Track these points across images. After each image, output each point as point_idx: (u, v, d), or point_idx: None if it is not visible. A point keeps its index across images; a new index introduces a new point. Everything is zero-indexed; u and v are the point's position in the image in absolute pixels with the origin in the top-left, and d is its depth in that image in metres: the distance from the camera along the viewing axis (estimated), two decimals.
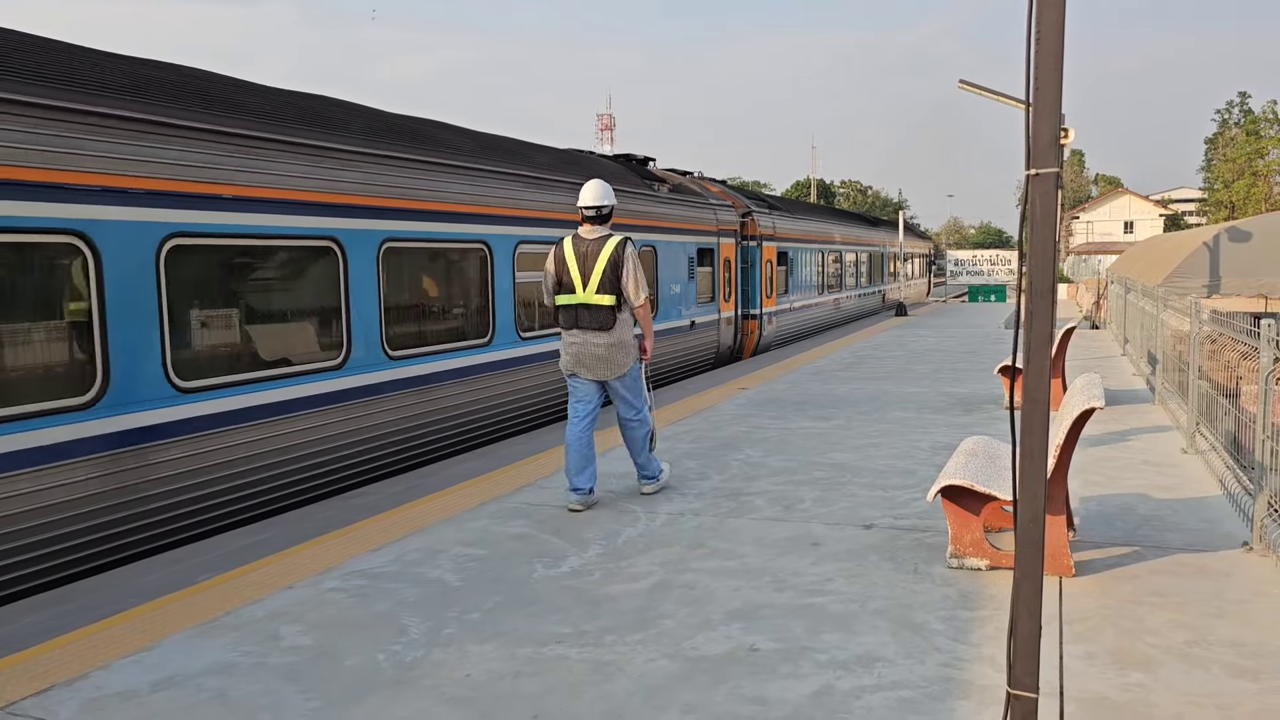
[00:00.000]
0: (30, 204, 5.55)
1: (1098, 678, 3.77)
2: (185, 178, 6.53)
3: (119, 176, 6.10)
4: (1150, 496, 6.42)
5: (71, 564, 5.81)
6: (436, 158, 9.19)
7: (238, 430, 6.88)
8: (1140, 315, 13.34)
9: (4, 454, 5.37)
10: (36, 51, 6.14)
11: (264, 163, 7.17)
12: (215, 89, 7.33)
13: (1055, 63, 2.30)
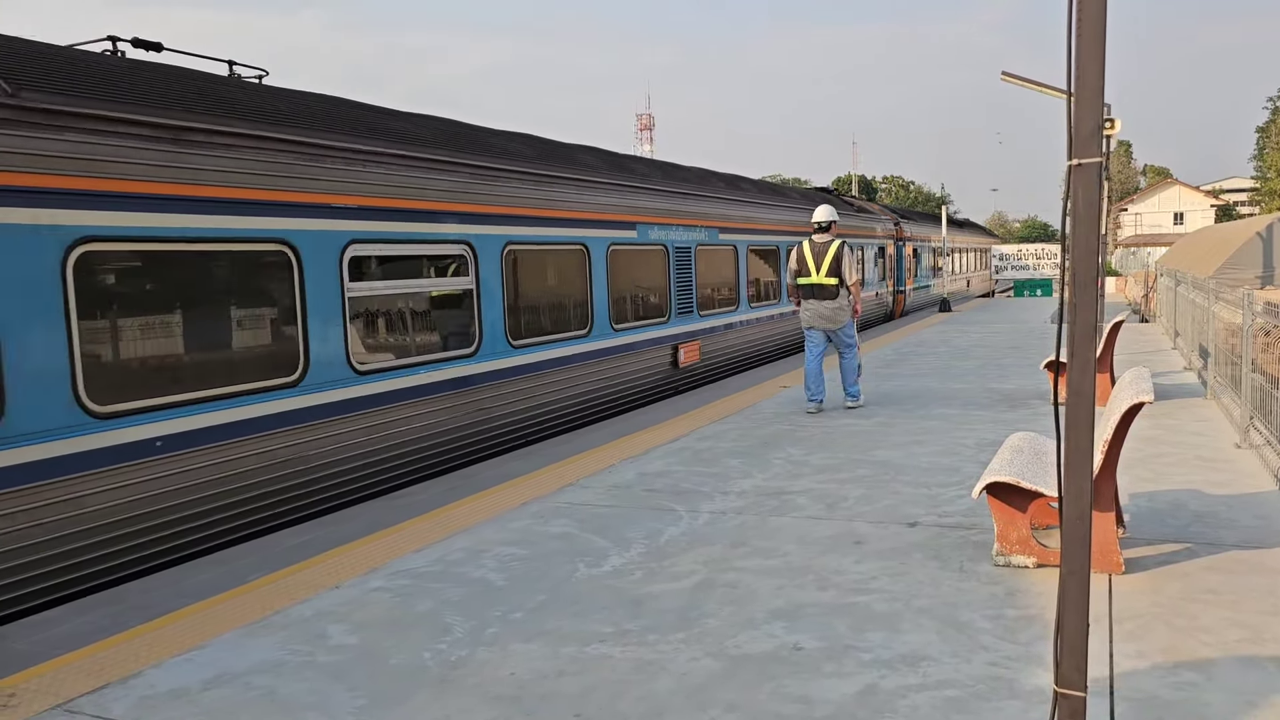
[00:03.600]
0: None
1: (1149, 676, 3.71)
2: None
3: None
4: (1203, 492, 6.29)
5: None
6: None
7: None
8: (1191, 308, 13.07)
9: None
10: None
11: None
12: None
13: (1097, 50, 2.26)
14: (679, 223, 13.33)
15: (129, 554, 5.95)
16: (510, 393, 9.38)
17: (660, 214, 12.81)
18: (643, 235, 12.29)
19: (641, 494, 6.83)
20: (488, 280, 9.13)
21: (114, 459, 5.83)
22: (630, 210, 11.97)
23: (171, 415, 6.17)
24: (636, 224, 12.13)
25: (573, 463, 7.98)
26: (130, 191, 6.01)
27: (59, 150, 5.63)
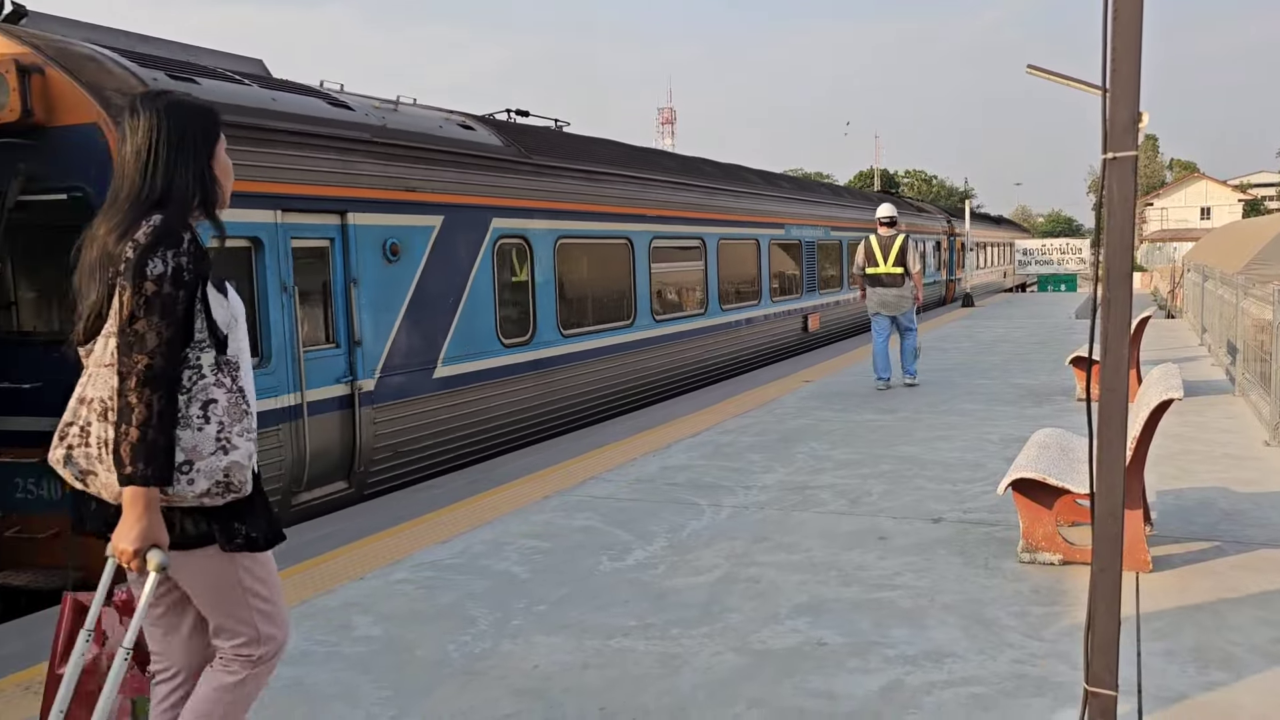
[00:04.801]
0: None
1: (1178, 676, 3.67)
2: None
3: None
4: (1231, 490, 6.23)
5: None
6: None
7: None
8: (1219, 304, 12.93)
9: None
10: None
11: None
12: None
13: (1133, 43, 2.23)
14: (809, 223, 17.52)
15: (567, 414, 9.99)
16: (712, 343, 13.40)
17: (799, 217, 17.03)
18: (788, 233, 16.49)
19: (664, 488, 6.83)
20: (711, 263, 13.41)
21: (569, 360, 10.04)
22: (784, 215, 16.35)
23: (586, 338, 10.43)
24: (786, 225, 16.38)
25: (595, 456, 7.99)
26: (569, 209, 10.17)
27: (549, 186, 9.85)
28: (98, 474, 2.38)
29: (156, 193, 2.46)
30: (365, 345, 7.37)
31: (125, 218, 2.42)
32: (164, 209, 2.44)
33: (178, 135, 2.51)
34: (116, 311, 2.35)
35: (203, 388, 2.42)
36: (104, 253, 2.41)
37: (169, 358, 2.33)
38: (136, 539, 2.27)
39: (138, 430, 2.27)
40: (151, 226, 2.38)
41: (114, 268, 2.36)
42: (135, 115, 2.51)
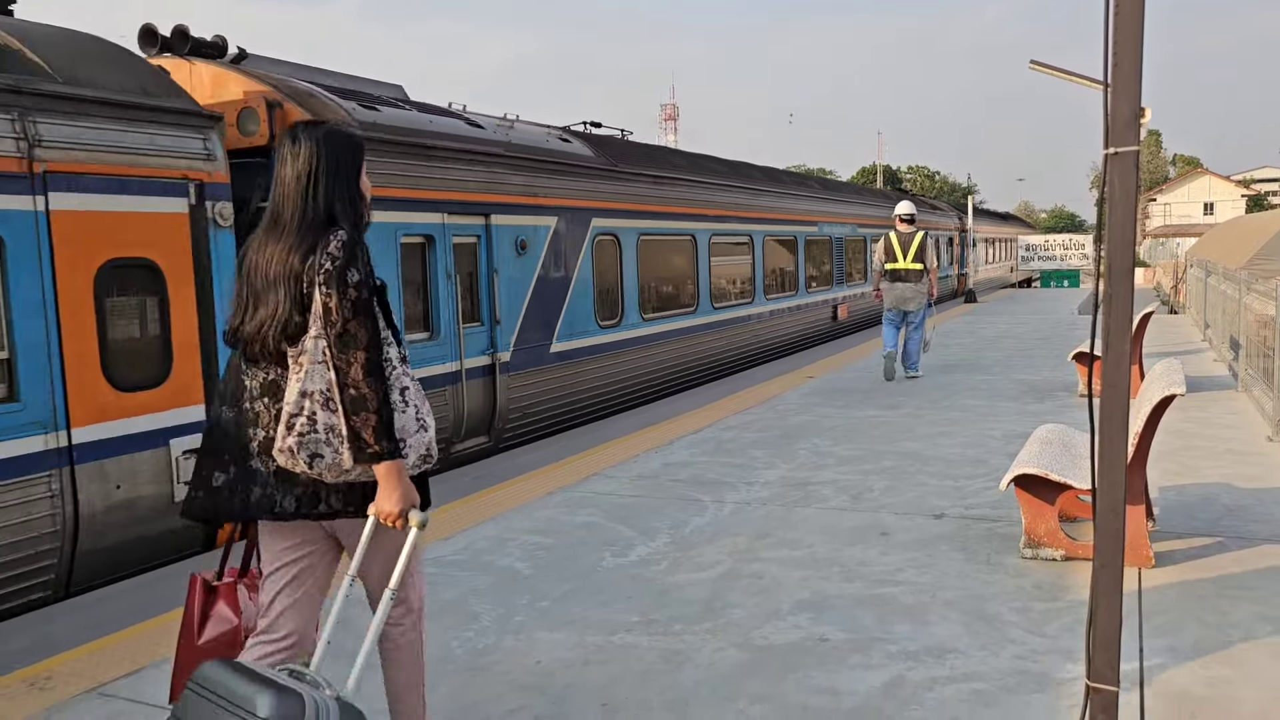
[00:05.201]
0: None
1: (1180, 671, 3.68)
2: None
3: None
4: (1234, 486, 6.23)
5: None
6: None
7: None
8: (1221, 299, 12.92)
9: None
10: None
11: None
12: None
13: (1135, 38, 2.23)
14: (837, 220, 19.18)
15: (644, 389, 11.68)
16: (759, 328, 15.25)
17: (828, 215, 18.69)
18: (820, 230, 18.18)
19: (667, 484, 6.83)
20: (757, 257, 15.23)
21: (647, 341, 11.72)
22: (816, 213, 17.99)
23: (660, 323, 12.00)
24: (818, 222, 18.08)
25: (597, 452, 8.00)
26: (646, 210, 11.84)
27: (631, 190, 11.44)
28: (324, 456, 2.68)
29: (321, 213, 2.78)
30: (503, 324, 9.09)
31: (301, 238, 2.74)
32: (338, 226, 2.76)
33: (333, 162, 2.83)
34: (320, 316, 2.67)
35: (397, 377, 2.78)
36: (287, 268, 2.71)
37: (379, 351, 2.70)
38: (399, 502, 2.68)
39: (375, 415, 2.64)
40: (340, 242, 2.71)
41: (305, 279, 2.69)
42: (296, 143, 2.84)
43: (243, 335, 2.80)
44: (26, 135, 5.24)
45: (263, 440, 2.78)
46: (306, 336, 2.70)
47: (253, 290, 2.78)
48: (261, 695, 2.31)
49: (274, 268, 2.73)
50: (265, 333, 2.74)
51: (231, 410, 2.84)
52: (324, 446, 2.67)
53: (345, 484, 2.74)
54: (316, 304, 2.67)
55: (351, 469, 2.70)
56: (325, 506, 2.75)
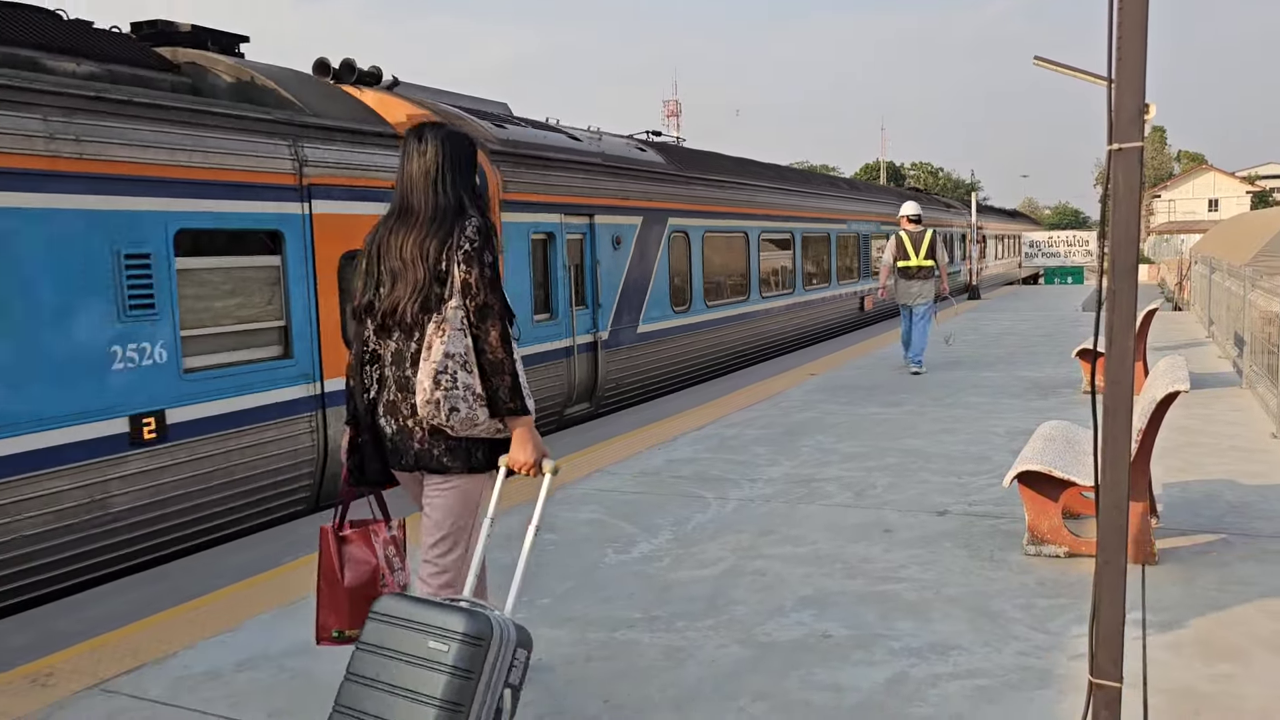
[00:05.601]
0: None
1: (1183, 668, 3.67)
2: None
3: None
4: (1238, 483, 6.21)
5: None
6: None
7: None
8: (1226, 296, 12.89)
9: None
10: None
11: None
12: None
13: (1139, 32, 2.22)
14: (863, 219, 20.93)
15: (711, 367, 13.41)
16: (798, 316, 16.89)
17: (856, 214, 20.57)
18: (850, 227, 19.97)
19: (669, 481, 6.83)
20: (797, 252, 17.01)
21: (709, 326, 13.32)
22: (845, 212, 19.85)
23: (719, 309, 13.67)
24: (848, 220, 19.86)
25: (600, 449, 8.00)
26: (709, 210, 13.42)
27: (697, 192, 13.08)
28: (460, 410, 3.03)
29: (452, 202, 3.15)
30: (603, 307, 10.65)
31: (437, 224, 3.12)
32: (470, 214, 3.14)
33: (456, 158, 3.23)
34: (460, 290, 3.05)
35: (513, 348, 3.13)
36: (425, 249, 3.09)
37: (509, 322, 3.11)
38: (533, 451, 3.08)
39: (510, 377, 3.05)
40: (476, 227, 3.10)
41: (444, 259, 3.07)
42: (421, 141, 3.22)
43: (378, 308, 3.17)
44: (297, 157, 6.86)
45: (387, 402, 3.16)
46: (447, 306, 3.06)
47: (388, 269, 3.15)
48: (455, 616, 2.63)
49: (410, 250, 3.10)
50: (403, 306, 3.09)
51: (355, 379, 3.25)
52: (461, 402, 3.02)
53: (457, 443, 3.09)
54: (456, 279, 3.05)
55: (479, 425, 3.07)
56: (435, 462, 3.12)
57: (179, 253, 6.02)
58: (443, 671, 2.56)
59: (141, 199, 5.81)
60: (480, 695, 2.58)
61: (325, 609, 3.32)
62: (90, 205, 5.52)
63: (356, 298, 3.27)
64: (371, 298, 3.20)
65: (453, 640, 2.58)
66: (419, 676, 2.58)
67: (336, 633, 3.31)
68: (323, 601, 3.33)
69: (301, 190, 6.79)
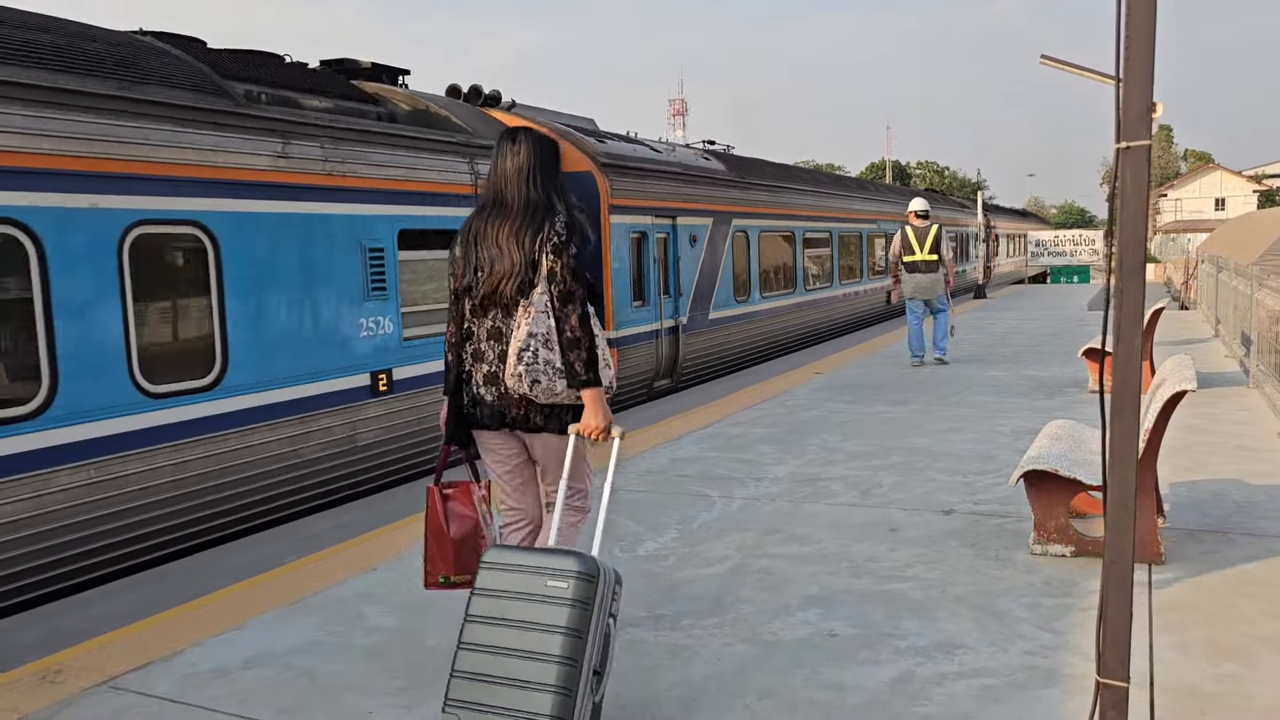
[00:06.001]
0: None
1: (1190, 668, 3.66)
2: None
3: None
4: (1245, 482, 6.20)
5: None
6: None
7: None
8: (1233, 295, 12.85)
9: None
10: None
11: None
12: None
13: (1147, 31, 2.22)
14: (890, 219, 22.40)
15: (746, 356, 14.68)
16: (835, 307, 18.90)
17: (884, 213, 22.48)
18: (879, 227, 21.91)
19: (675, 479, 6.83)
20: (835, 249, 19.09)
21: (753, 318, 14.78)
22: (874, 213, 21.82)
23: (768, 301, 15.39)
24: (877, 220, 21.88)
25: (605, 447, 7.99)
26: (763, 212, 15.19)
27: (753, 197, 14.78)
28: (540, 382, 3.42)
29: (541, 198, 3.54)
30: (682, 296, 12.43)
31: (529, 217, 3.51)
32: (557, 210, 3.53)
33: (544, 159, 3.62)
34: (547, 277, 3.43)
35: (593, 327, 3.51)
36: (520, 239, 3.48)
37: (588, 305, 3.47)
38: (603, 419, 3.47)
39: (586, 353, 3.42)
40: (563, 223, 3.49)
41: (536, 248, 3.45)
42: (515, 143, 3.63)
43: (477, 290, 3.55)
44: (473, 171, 8.71)
45: (487, 373, 3.57)
46: (534, 291, 3.45)
47: (486, 255, 3.53)
48: (568, 559, 3.08)
49: (506, 238, 3.50)
50: (502, 287, 3.49)
51: (453, 353, 3.65)
52: (541, 375, 3.41)
53: (549, 408, 3.51)
54: (544, 267, 3.44)
55: (559, 394, 3.45)
56: (533, 423, 3.54)
57: (400, 248, 7.74)
58: (564, 605, 3.00)
59: (377, 206, 7.58)
60: (594, 623, 3.02)
61: (433, 559, 3.72)
62: (346, 211, 7.28)
63: (455, 281, 3.64)
64: (471, 280, 3.58)
65: (570, 578, 3.02)
66: (542, 611, 3.01)
67: (443, 579, 3.73)
68: (430, 553, 3.72)
69: (476, 197, 8.59)
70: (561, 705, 2.92)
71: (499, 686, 2.98)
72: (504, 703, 2.95)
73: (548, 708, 2.91)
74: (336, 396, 7.17)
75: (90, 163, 5.59)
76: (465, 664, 3.05)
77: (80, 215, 5.54)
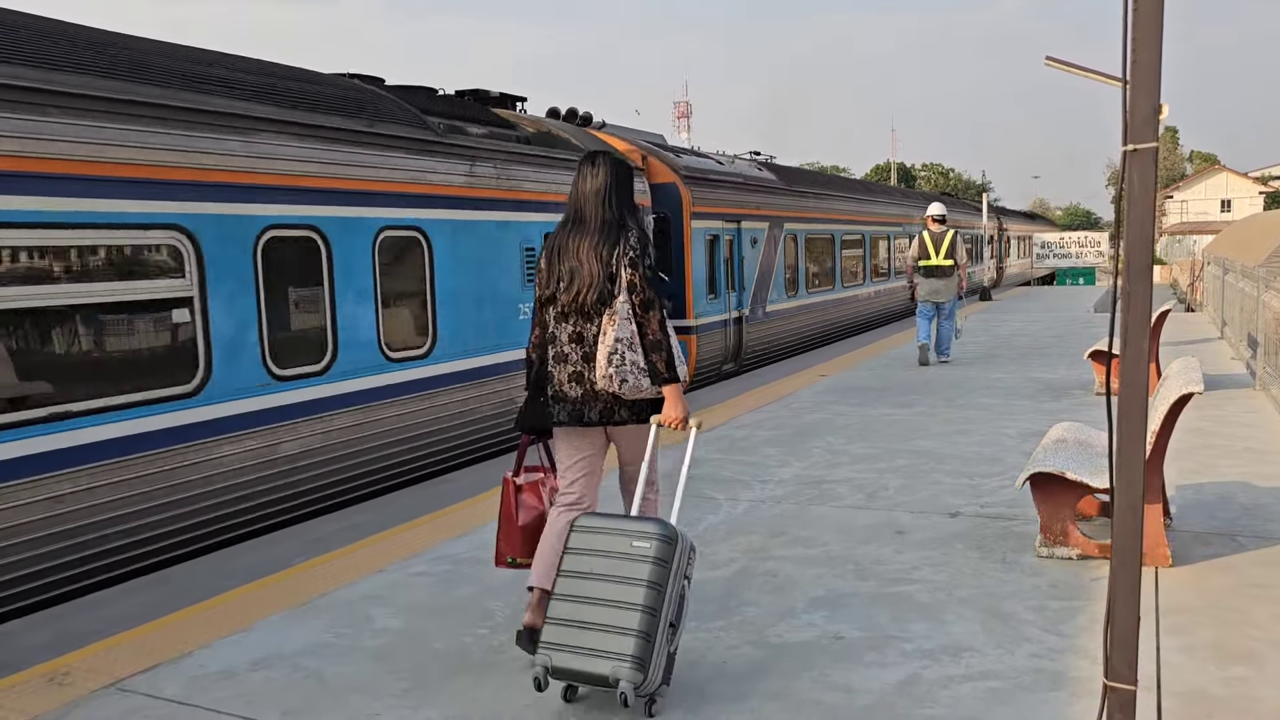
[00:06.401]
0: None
1: (1197, 671, 3.66)
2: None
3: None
4: (1252, 485, 6.19)
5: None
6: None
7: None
8: (1239, 297, 12.83)
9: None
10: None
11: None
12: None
13: (1154, 33, 2.22)
14: (914, 222, 23.68)
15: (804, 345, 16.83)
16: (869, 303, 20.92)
17: (910, 217, 24.06)
18: (905, 229, 23.60)
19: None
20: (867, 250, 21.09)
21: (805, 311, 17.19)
22: (902, 216, 23.77)
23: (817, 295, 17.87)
24: (903, 224, 23.71)
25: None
26: (807, 216, 17.25)
27: (799, 203, 17.02)
28: (629, 380, 3.82)
29: (615, 217, 3.93)
30: (745, 291, 14.47)
31: (606, 234, 3.91)
32: (630, 227, 3.92)
33: (619, 181, 4.01)
34: (627, 288, 3.83)
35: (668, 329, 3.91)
36: (599, 254, 3.87)
37: (665, 310, 3.89)
38: (682, 410, 3.86)
39: (666, 353, 3.83)
40: (636, 238, 3.90)
41: (612, 262, 3.85)
42: (594, 166, 4.01)
43: (559, 299, 3.94)
44: None
45: (571, 372, 3.94)
46: (616, 300, 3.84)
47: (567, 267, 3.92)
48: (651, 524, 3.56)
49: (586, 252, 3.89)
50: (583, 297, 3.88)
51: (536, 354, 4.07)
52: (629, 375, 3.81)
53: (632, 402, 3.90)
54: (623, 279, 3.83)
55: (644, 390, 3.85)
56: (618, 418, 3.93)
57: None
58: (647, 562, 3.45)
59: (530, 214, 9.34)
60: (671, 580, 3.46)
61: (503, 541, 4.19)
62: (511, 218, 9.12)
63: (540, 290, 4.04)
64: (554, 290, 3.96)
65: (653, 539, 3.48)
66: (628, 567, 3.46)
67: (511, 560, 4.19)
68: (501, 535, 4.20)
69: None
70: (642, 648, 3.34)
71: (587, 631, 3.42)
72: (591, 645, 3.39)
73: (630, 649, 3.34)
74: (504, 366, 8.96)
75: (356, 183, 7.35)
76: (557, 612, 3.50)
77: (350, 223, 7.31)
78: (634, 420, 3.96)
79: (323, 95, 7.50)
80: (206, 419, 6.14)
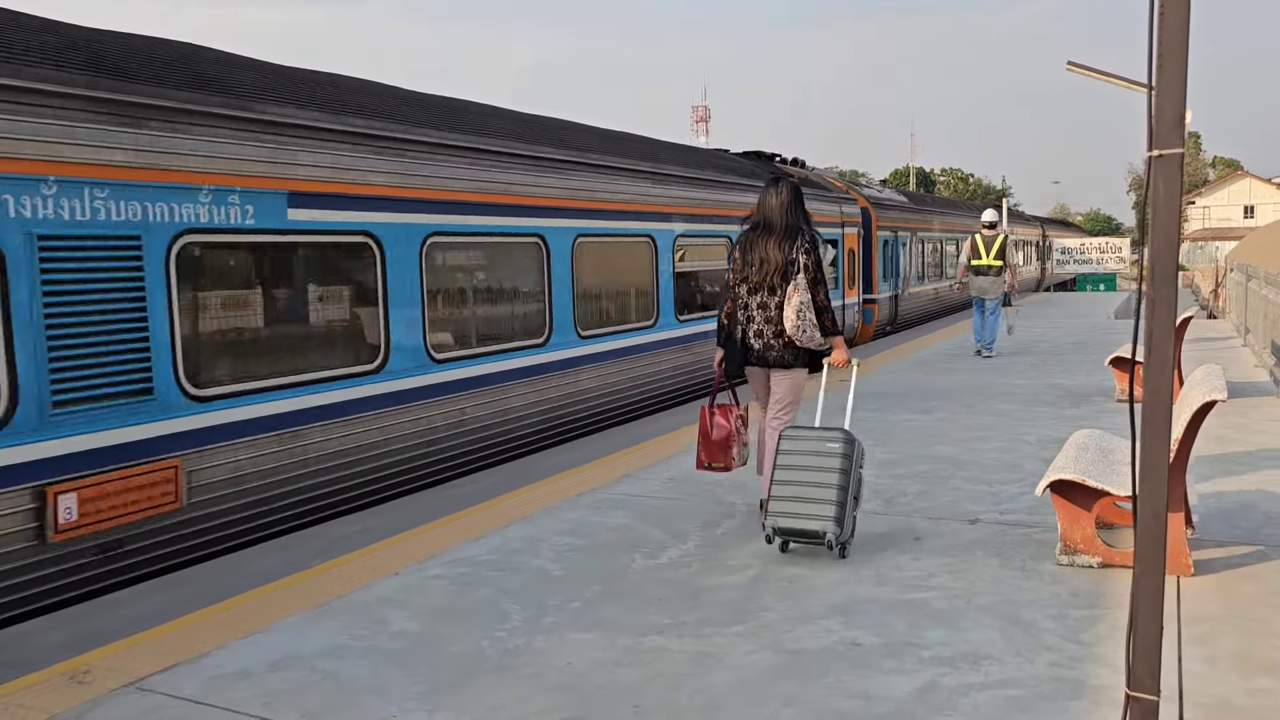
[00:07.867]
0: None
1: (1220, 681, 3.62)
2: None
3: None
4: (1275, 493, 6.12)
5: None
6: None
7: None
8: (1263, 304, 12.70)
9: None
10: None
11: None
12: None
13: (1180, 38, 2.20)
14: (959, 229, 27.64)
15: None
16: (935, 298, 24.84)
17: (950, 224, 27.57)
18: (950, 235, 27.36)
19: (698, 486, 6.82)
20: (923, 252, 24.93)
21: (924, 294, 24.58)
22: (949, 224, 27.29)
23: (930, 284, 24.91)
24: (951, 231, 27.09)
25: (629, 454, 8.00)
26: (912, 226, 23.30)
27: (905, 215, 22.86)
28: (807, 332, 5.53)
29: (794, 224, 5.64)
30: (898, 277, 20.91)
31: (787, 236, 5.61)
32: (804, 231, 5.66)
33: (796, 198, 5.74)
34: (803, 269, 5.54)
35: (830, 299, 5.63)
36: (781, 248, 5.58)
37: (828, 286, 5.58)
38: (846, 354, 5.87)
39: (830, 314, 5.63)
40: (809, 239, 5.64)
41: (792, 252, 5.58)
42: (779, 186, 5.74)
43: (750, 280, 5.65)
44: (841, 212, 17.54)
45: (756, 330, 5.67)
46: (797, 277, 5.52)
47: (757, 257, 5.62)
48: (836, 431, 5.19)
49: (772, 248, 5.60)
50: (770, 278, 5.59)
51: (729, 320, 5.80)
52: (809, 327, 5.52)
53: (797, 351, 5.65)
54: (800, 264, 5.53)
55: (816, 340, 5.57)
56: (781, 363, 5.67)
57: None
58: (836, 455, 5.07)
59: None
60: (853, 469, 5.10)
61: (702, 450, 5.92)
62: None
63: (733, 275, 5.74)
64: (747, 273, 5.66)
65: (840, 440, 5.12)
66: (824, 461, 5.07)
67: (708, 464, 5.91)
68: (700, 446, 5.92)
69: (841, 225, 17.21)
70: (839, 511, 4.98)
71: (799, 503, 5.03)
72: (804, 511, 5.01)
73: (831, 511, 4.97)
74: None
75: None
76: (778, 491, 5.10)
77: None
78: (786, 366, 5.64)
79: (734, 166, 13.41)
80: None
